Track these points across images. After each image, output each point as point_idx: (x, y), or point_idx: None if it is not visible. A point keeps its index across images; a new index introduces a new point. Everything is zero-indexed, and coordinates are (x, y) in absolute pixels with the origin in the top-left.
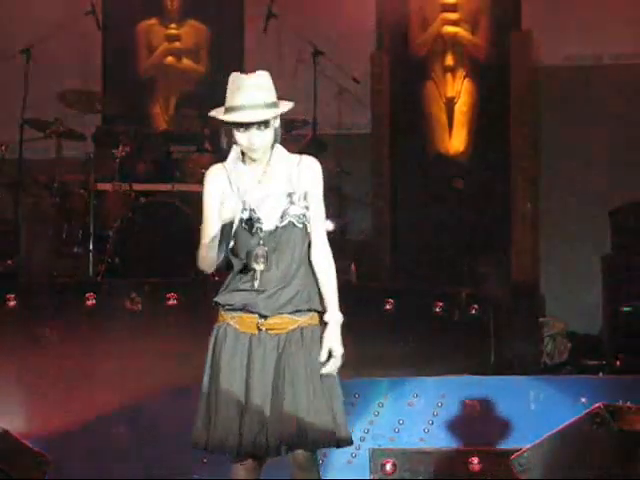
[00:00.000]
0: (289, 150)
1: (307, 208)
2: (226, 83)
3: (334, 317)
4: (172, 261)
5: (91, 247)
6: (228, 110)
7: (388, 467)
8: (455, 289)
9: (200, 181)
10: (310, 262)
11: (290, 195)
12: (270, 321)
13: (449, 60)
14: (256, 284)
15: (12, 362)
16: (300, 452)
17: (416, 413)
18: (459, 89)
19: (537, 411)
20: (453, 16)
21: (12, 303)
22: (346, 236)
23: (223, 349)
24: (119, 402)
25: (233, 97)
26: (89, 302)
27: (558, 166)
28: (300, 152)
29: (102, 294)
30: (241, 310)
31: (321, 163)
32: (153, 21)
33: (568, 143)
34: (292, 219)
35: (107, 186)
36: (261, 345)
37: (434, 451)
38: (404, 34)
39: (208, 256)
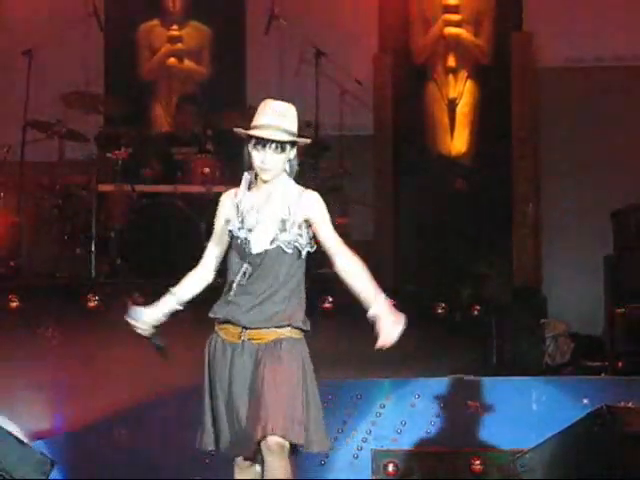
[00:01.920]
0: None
1: (300, 235)
2: (228, 84)
3: (380, 307)
4: (174, 262)
5: (93, 248)
6: (252, 128)
7: (390, 468)
8: (457, 290)
9: (202, 182)
10: (301, 287)
11: (283, 222)
12: (251, 332)
13: (451, 61)
14: (231, 295)
15: (14, 363)
16: (272, 438)
17: (418, 414)
18: (461, 90)
19: (539, 412)
20: (455, 17)
21: (14, 304)
22: (348, 237)
23: (214, 359)
24: (121, 403)
25: (259, 117)
26: (91, 303)
27: (559, 167)
28: (302, 154)
29: (104, 295)
30: (226, 322)
31: (323, 164)
32: (155, 22)
33: (570, 144)
34: (281, 244)
35: (109, 188)
36: (243, 354)
37: (436, 452)
38: (406, 36)
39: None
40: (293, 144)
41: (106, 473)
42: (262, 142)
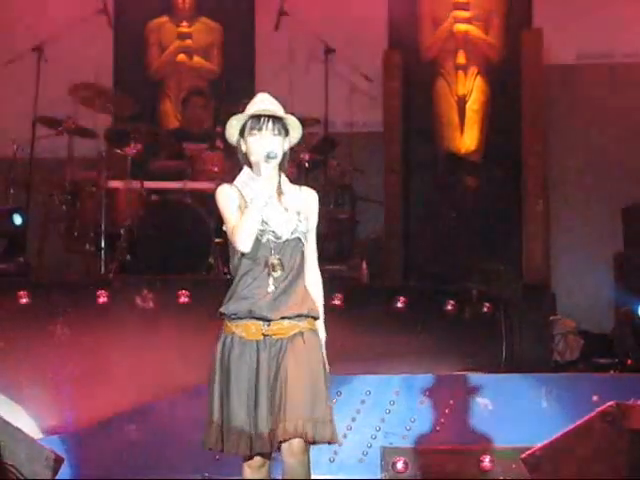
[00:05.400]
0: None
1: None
2: (237, 81)
3: (323, 337)
4: (183, 258)
5: (102, 245)
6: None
7: (400, 465)
8: (466, 287)
9: (212, 178)
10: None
11: (299, 214)
12: (273, 327)
13: (461, 58)
14: (270, 289)
15: (24, 359)
16: (295, 441)
17: (427, 411)
18: (471, 87)
19: (548, 409)
20: (465, 14)
21: (24, 300)
22: (358, 234)
23: (231, 357)
24: (130, 399)
25: (251, 107)
26: (101, 300)
27: (570, 164)
28: (312, 151)
29: (113, 292)
30: (247, 318)
31: (332, 161)
32: (164, 19)
33: (580, 141)
34: (299, 235)
35: (119, 184)
36: (266, 349)
37: (446, 449)
38: (416, 32)
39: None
40: (287, 133)
41: (115, 470)
42: (259, 124)
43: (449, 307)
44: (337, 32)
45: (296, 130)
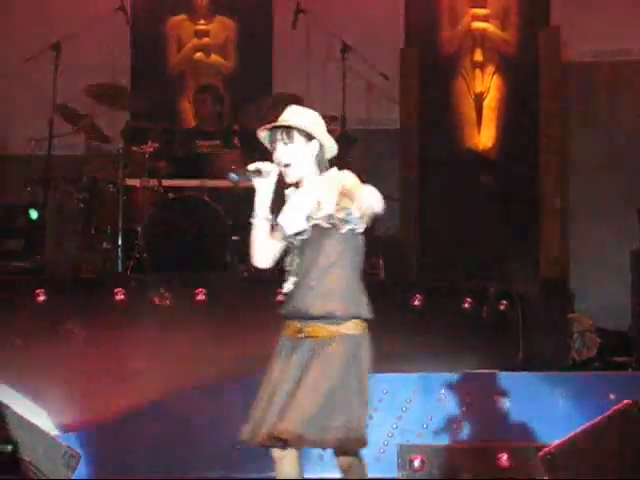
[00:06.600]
0: None
1: (339, 210)
2: (254, 78)
3: None
4: (201, 256)
5: (120, 243)
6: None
7: (416, 463)
8: (484, 285)
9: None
10: (348, 265)
11: (319, 203)
12: (307, 328)
13: (478, 56)
14: (285, 288)
15: (41, 357)
16: (342, 457)
17: (445, 409)
18: (488, 85)
19: (565, 407)
20: (482, 12)
21: (41, 298)
22: (374, 232)
23: (274, 357)
24: (147, 397)
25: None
26: (118, 297)
27: (587, 162)
28: None
29: (131, 289)
30: (287, 318)
31: (349, 158)
32: (182, 17)
33: (597, 139)
34: (318, 221)
35: (136, 182)
36: (298, 350)
37: (463, 447)
38: (433, 30)
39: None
40: (309, 138)
41: (131, 468)
42: (272, 137)
43: (466, 305)
44: (354, 30)
45: (317, 133)
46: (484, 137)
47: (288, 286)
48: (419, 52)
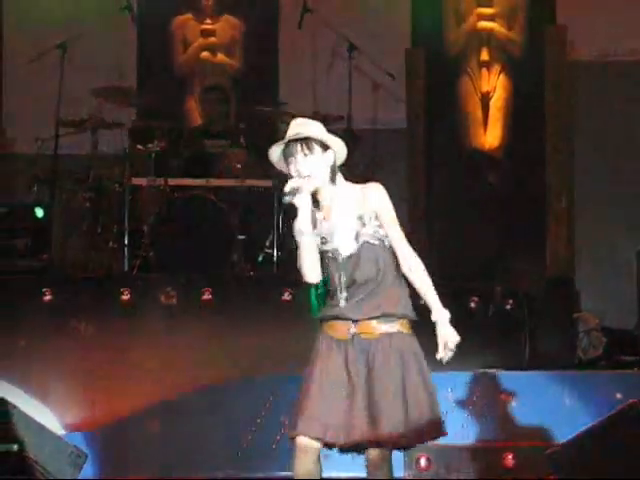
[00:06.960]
0: None
1: (380, 226)
2: (261, 78)
3: (439, 316)
4: (207, 255)
5: (126, 242)
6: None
7: (423, 462)
8: (490, 284)
9: (235, 176)
10: (396, 272)
11: (361, 218)
12: (360, 326)
13: (484, 55)
14: (341, 304)
15: (47, 356)
16: (375, 451)
17: (451, 408)
18: (494, 84)
19: (572, 406)
20: (488, 11)
21: (47, 297)
22: None
23: (319, 355)
24: (153, 397)
25: (288, 132)
26: (124, 297)
27: (593, 161)
28: None
29: (137, 289)
30: (334, 319)
31: (355, 157)
32: (188, 16)
33: (603, 138)
34: (366, 238)
35: (142, 181)
36: (354, 348)
37: (469, 446)
38: (439, 29)
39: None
40: (325, 148)
41: (137, 467)
42: (288, 152)
43: (472, 304)
44: (361, 29)
45: (333, 142)
46: (490, 136)
47: (342, 303)
48: (425, 51)
